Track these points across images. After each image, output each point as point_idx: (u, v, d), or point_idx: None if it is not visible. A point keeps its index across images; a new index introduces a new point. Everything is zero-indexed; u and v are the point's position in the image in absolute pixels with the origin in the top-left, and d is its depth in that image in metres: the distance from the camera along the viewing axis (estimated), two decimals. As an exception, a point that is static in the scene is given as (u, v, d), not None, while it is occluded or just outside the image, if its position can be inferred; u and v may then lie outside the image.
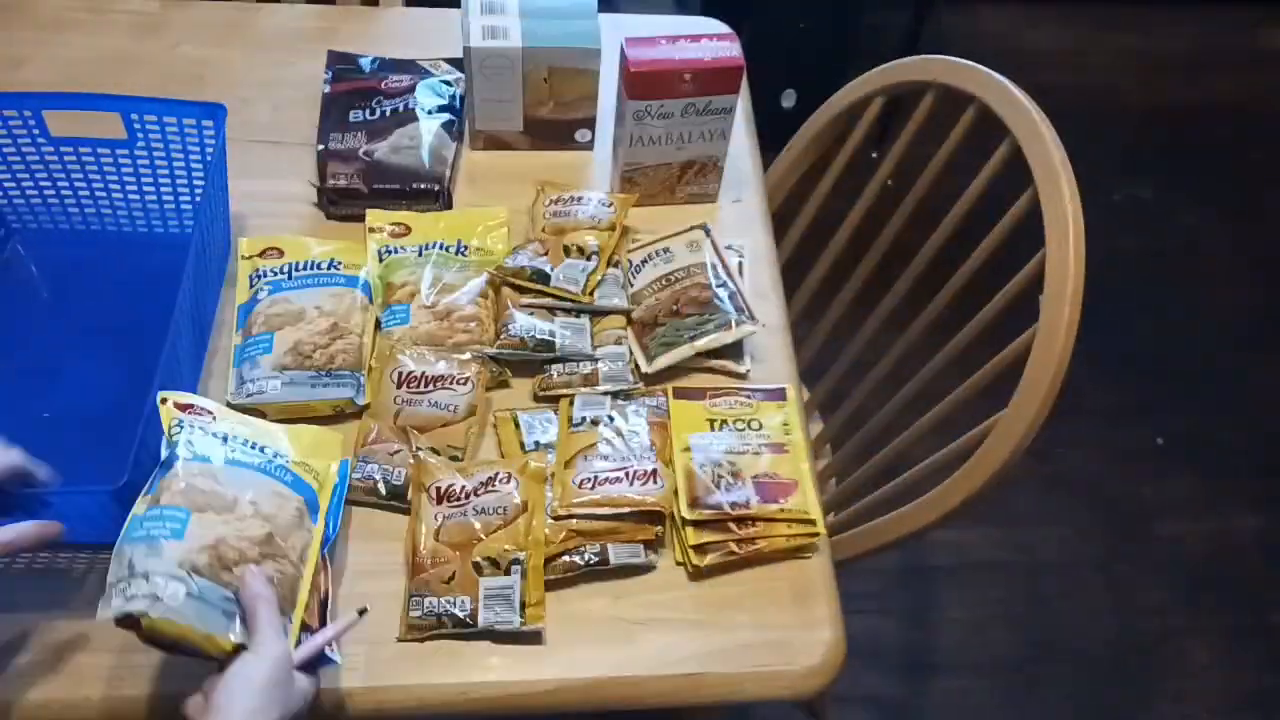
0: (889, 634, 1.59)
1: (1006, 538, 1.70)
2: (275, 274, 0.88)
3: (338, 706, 0.70)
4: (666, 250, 0.92)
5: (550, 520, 0.76)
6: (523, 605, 0.72)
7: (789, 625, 0.75)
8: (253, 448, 0.71)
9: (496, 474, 0.77)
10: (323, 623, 0.69)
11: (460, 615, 0.72)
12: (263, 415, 0.80)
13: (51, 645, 0.70)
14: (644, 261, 0.92)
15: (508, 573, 0.73)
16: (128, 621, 0.59)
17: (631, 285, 0.91)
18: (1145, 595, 1.67)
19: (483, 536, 0.75)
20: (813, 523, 0.78)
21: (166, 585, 0.59)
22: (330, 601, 0.70)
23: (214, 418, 0.72)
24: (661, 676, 0.73)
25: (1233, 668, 1.60)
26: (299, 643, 0.66)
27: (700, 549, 0.76)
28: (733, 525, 0.77)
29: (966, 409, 0.95)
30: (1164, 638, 1.62)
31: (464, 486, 0.77)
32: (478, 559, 0.73)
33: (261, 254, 0.90)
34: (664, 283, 0.90)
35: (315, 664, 0.66)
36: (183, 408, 0.70)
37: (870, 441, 1.08)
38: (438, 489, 0.77)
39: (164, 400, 0.69)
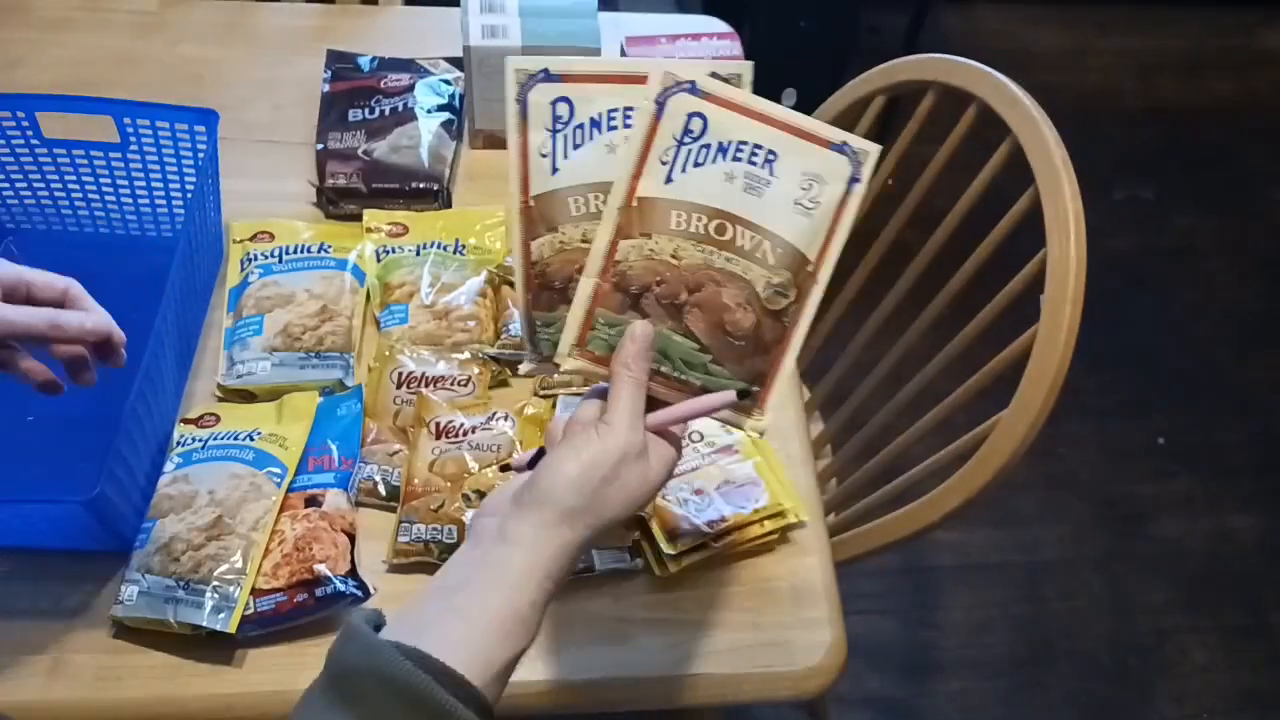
0: (890, 634, 1.59)
1: (1007, 538, 1.70)
2: (266, 257, 0.88)
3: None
4: None
5: None
6: None
7: (789, 625, 0.75)
8: (230, 437, 0.77)
9: (495, 414, 0.80)
10: (352, 565, 0.71)
11: (447, 543, 0.73)
12: (253, 396, 0.81)
13: (48, 647, 0.70)
14: (592, 127, 0.87)
15: None
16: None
17: None
18: (1145, 595, 1.67)
19: (474, 471, 0.76)
20: (784, 514, 0.77)
21: (124, 589, 0.69)
22: (355, 541, 0.72)
23: (218, 419, 0.79)
24: (661, 677, 0.73)
25: (1232, 667, 1.60)
26: (249, 614, 0.68)
27: (675, 558, 0.75)
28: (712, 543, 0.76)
29: (967, 409, 0.95)
30: (1164, 637, 1.62)
31: (463, 424, 0.79)
32: (467, 491, 0.75)
33: (253, 238, 0.91)
34: None
35: (343, 599, 0.70)
36: (192, 422, 0.79)
37: (871, 441, 1.08)
38: (437, 424, 0.79)
39: (183, 421, 0.79)
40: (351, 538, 0.72)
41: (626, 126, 0.57)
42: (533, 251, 0.59)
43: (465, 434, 0.78)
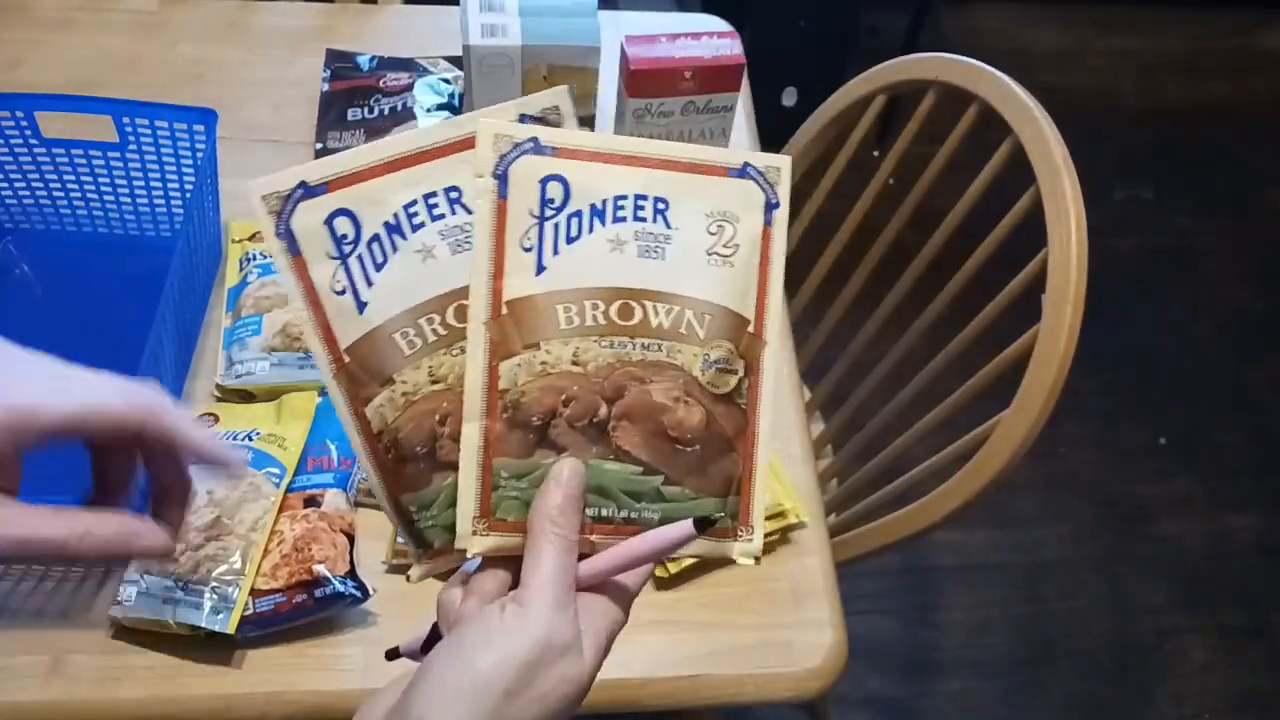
0: (890, 634, 1.59)
1: (1007, 538, 1.70)
2: (265, 257, 0.88)
3: (330, 710, 0.70)
4: None
5: None
6: None
7: (790, 626, 0.75)
8: (229, 437, 0.76)
9: None
10: (351, 566, 0.69)
11: None
12: (251, 396, 0.81)
13: (47, 647, 0.70)
14: (390, 234, 0.54)
15: None
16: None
17: None
18: (1145, 595, 1.67)
19: None
20: (784, 515, 0.77)
21: (123, 590, 0.68)
22: (354, 542, 0.72)
23: (217, 419, 0.78)
24: (662, 678, 0.72)
25: (1232, 668, 1.60)
26: (248, 614, 0.67)
27: (675, 558, 0.75)
28: None
29: (968, 409, 0.95)
30: (1164, 637, 1.62)
31: None
32: None
33: (252, 238, 0.90)
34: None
35: (342, 600, 0.69)
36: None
37: (871, 442, 1.08)
38: None
39: None
40: (351, 538, 0.72)
41: (436, 219, 0.44)
42: (371, 420, 0.43)
43: None
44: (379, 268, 0.43)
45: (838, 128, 1.11)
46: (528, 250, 0.43)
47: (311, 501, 0.73)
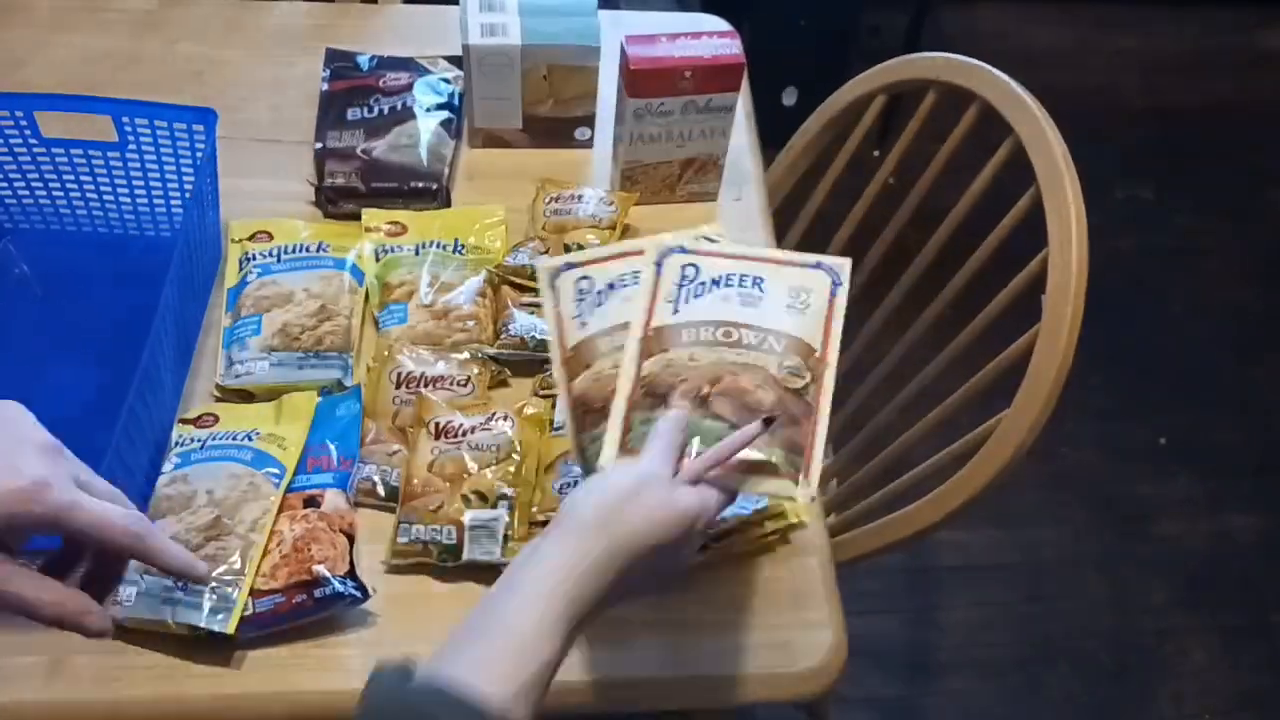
0: (891, 634, 1.59)
1: (1008, 538, 1.70)
2: (264, 257, 0.88)
3: (330, 710, 0.69)
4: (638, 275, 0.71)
5: (531, 526, 0.76)
6: (506, 539, 0.74)
7: (790, 626, 0.75)
8: (228, 437, 0.76)
9: (494, 414, 0.79)
10: (351, 566, 0.70)
11: (446, 543, 0.73)
12: (251, 396, 0.81)
13: (49, 647, 0.70)
14: (609, 289, 0.71)
15: (494, 506, 0.75)
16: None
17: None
18: (1146, 595, 1.67)
19: (474, 471, 0.76)
20: (784, 515, 0.77)
21: (123, 590, 0.68)
22: (354, 542, 0.72)
23: (216, 419, 0.78)
24: (662, 678, 0.72)
25: (1232, 668, 1.60)
26: (248, 615, 0.68)
27: None
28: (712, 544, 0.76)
29: (968, 409, 0.95)
30: (1164, 637, 1.62)
31: (462, 424, 0.78)
32: (467, 492, 0.75)
33: (251, 237, 0.90)
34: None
35: (342, 600, 0.69)
36: (191, 422, 0.78)
37: (872, 441, 1.08)
38: (437, 424, 0.78)
39: (181, 421, 0.79)
40: (350, 538, 0.72)
41: (630, 285, 0.69)
42: (575, 387, 0.67)
43: (464, 434, 0.78)
44: (600, 306, 0.68)
45: (838, 127, 1.11)
46: (669, 302, 0.68)
47: (311, 502, 0.73)
